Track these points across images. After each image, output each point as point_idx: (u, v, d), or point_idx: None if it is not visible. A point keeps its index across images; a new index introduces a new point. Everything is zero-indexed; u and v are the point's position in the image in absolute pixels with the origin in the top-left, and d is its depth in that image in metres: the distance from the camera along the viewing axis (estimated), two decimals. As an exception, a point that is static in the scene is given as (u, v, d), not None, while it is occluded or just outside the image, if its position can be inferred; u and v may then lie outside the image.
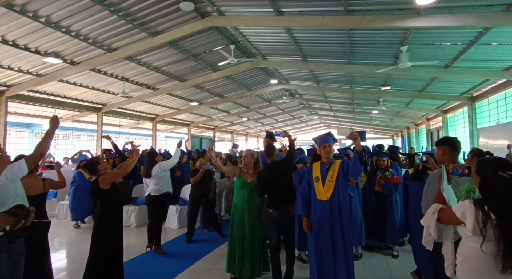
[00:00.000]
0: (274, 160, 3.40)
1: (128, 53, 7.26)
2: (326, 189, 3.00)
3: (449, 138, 2.50)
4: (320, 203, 2.99)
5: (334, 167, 3.09)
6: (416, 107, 13.41)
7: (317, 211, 3.01)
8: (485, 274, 1.46)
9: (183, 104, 13.87)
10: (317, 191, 3.04)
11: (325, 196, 2.98)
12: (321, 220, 2.96)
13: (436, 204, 1.70)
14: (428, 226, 1.65)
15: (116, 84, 9.67)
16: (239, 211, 3.46)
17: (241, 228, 3.42)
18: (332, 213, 2.96)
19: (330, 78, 10.88)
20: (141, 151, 7.12)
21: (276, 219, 3.24)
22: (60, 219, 6.96)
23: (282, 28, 6.72)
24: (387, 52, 7.12)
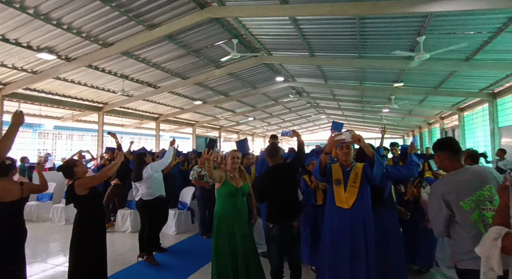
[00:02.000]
0: (278, 163, 2.82)
1: (125, 47, 6.88)
2: (348, 195, 2.55)
3: (442, 141, 1.99)
4: (339, 211, 2.55)
5: (356, 170, 2.64)
6: (430, 105, 12.71)
7: (334, 220, 2.56)
8: None
9: (186, 103, 13.52)
10: (336, 196, 2.58)
11: (346, 203, 2.53)
12: (340, 232, 2.50)
13: (497, 227, 1.25)
14: (488, 257, 1.20)
15: (116, 82, 9.34)
16: (227, 222, 2.90)
17: (232, 241, 2.87)
18: (354, 225, 2.49)
19: (339, 74, 10.33)
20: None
21: (277, 236, 2.67)
22: (54, 223, 6.62)
23: (287, 18, 6.23)
24: (401, 44, 6.55)
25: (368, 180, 2.60)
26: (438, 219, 1.73)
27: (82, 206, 2.98)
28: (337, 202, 2.56)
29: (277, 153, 2.81)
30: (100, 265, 3.01)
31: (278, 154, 2.81)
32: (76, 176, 2.97)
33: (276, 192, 2.71)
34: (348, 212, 2.52)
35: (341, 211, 2.53)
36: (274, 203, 2.74)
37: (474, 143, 11.52)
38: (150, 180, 4.11)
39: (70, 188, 2.93)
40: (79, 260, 2.89)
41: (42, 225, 6.57)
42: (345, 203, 2.54)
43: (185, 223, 5.93)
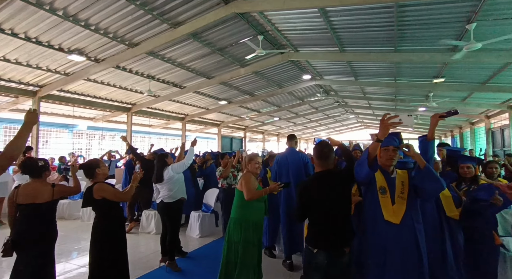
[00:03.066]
0: (328, 169, 2.21)
1: (150, 47, 6.85)
2: (397, 207, 2.10)
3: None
4: (388, 226, 2.08)
5: (402, 178, 2.20)
6: (474, 102, 11.54)
7: (382, 237, 2.08)
8: None
9: (211, 103, 13.48)
10: (383, 208, 2.12)
11: (395, 217, 2.08)
12: (389, 253, 2.03)
13: None
14: None
15: (143, 83, 9.45)
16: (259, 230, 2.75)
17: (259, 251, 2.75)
18: (404, 245, 2.04)
19: (371, 70, 9.66)
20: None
21: (322, 266, 2.07)
22: (84, 221, 6.77)
23: (316, 10, 5.82)
24: (446, 34, 5.87)
25: (416, 193, 2.17)
26: None
27: (100, 210, 2.85)
28: (385, 214, 2.10)
29: (330, 155, 2.20)
30: (120, 269, 2.88)
31: (331, 157, 2.21)
32: (96, 178, 2.88)
33: (326, 207, 2.12)
34: (397, 228, 2.07)
35: (390, 226, 2.08)
36: (322, 221, 2.14)
37: (528, 145, 10.25)
38: (171, 181, 3.99)
39: (88, 191, 2.82)
40: (97, 265, 2.80)
41: (73, 223, 6.75)
42: (394, 216, 2.09)
43: (209, 226, 5.75)
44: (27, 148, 6.94)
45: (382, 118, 1.92)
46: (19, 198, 2.58)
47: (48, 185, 2.71)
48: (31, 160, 2.80)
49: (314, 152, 2.24)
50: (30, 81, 8.22)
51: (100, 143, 16.17)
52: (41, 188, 2.65)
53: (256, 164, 2.94)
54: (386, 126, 1.91)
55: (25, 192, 2.60)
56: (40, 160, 2.76)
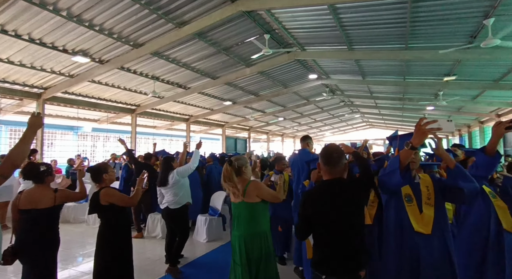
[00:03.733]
0: (338, 177, 1.82)
1: (155, 47, 6.73)
2: (425, 215, 1.92)
3: None
4: (419, 237, 1.91)
5: (426, 183, 2.03)
6: (485, 101, 11.25)
7: (414, 249, 1.90)
8: None
9: (216, 103, 13.36)
10: (412, 217, 1.94)
11: (426, 227, 1.90)
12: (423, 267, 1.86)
13: None
14: None
15: (147, 84, 9.35)
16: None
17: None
18: (439, 257, 1.87)
19: (380, 69, 9.45)
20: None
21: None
22: (89, 225, 6.65)
23: (325, 7, 5.64)
24: (461, 30, 5.65)
25: (444, 196, 1.99)
26: None
27: (106, 217, 2.73)
28: (414, 225, 1.92)
29: (340, 161, 1.80)
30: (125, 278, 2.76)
31: (341, 163, 1.81)
32: (103, 183, 2.76)
33: (335, 224, 1.74)
34: (428, 239, 1.89)
35: (420, 237, 1.90)
36: (332, 241, 1.75)
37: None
38: (176, 186, 3.83)
39: (95, 197, 2.69)
40: (102, 273, 2.67)
41: (78, 227, 6.63)
42: (424, 227, 1.91)
43: (217, 230, 5.59)
44: (32, 151, 6.85)
45: (417, 123, 1.71)
46: (20, 204, 2.48)
47: (50, 190, 2.60)
48: (33, 165, 2.69)
49: (321, 157, 1.86)
50: (35, 83, 8.15)
51: (105, 144, 16.13)
52: (43, 193, 2.55)
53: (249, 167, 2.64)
54: (423, 133, 1.67)
55: (26, 197, 2.51)
56: (42, 165, 2.66)
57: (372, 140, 22.28)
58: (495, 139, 1.95)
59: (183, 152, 4.52)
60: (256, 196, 2.39)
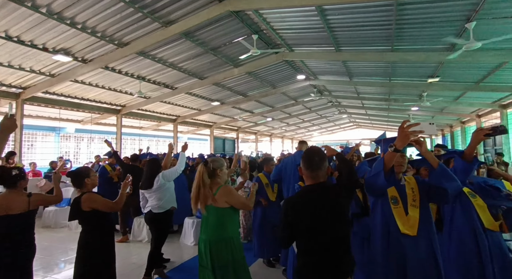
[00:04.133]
0: (320, 182, 1.74)
1: (141, 47, 6.57)
2: (411, 217, 1.94)
3: None
4: (405, 239, 1.92)
5: (411, 185, 2.05)
6: (467, 101, 11.63)
7: (400, 251, 1.92)
8: None
9: (204, 104, 13.22)
10: (398, 219, 1.95)
11: (412, 229, 1.92)
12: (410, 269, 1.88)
13: None
14: None
15: (132, 84, 9.13)
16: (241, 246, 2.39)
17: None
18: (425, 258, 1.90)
19: (366, 70, 9.59)
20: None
21: None
22: (71, 230, 6.40)
23: (313, 9, 5.67)
24: (444, 33, 5.79)
25: (428, 197, 2.03)
26: None
27: (88, 223, 2.61)
28: (400, 227, 1.93)
29: (322, 165, 1.72)
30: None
31: (323, 166, 1.73)
32: (85, 188, 2.64)
33: (319, 231, 1.66)
34: (414, 241, 1.92)
35: (407, 239, 1.92)
36: (315, 249, 1.66)
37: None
38: (161, 190, 3.67)
39: (76, 202, 2.57)
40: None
41: (60, 232, 6.37)
42: (410, 228, 1.93)
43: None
44: (10, 154, 6.55)
45: (401, 126, 1.74)
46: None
47: (23, 195, 2.50)
48: (3, 169, 2.57)
49: (302, 162, 1.77)
50: (13, 83, 7.80)
51: (89, 146, 15.67)
52: (16, 198, 2.45)
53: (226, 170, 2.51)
54: (406, 136, 1.70)
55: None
56: (14, 169, 2.56)
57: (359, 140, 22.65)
58: (474, 144, 2.01)
59: (168, 154, 4.35)
60: (225, 202, 2.28)
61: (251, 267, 4.20)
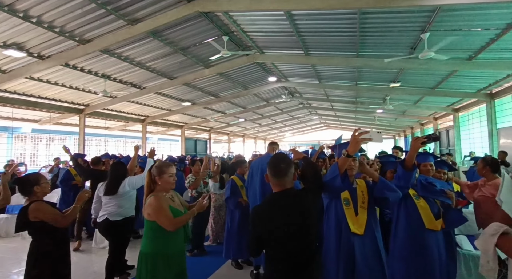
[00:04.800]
0: (288, 188, 1.72)
1: (105, 44, 6.26)
2: (360, 218, 2.13)
3: None
4: (354, 237, 2.10)
5: (361, 188, 2.25)
6: (425, 105, 12.51)
7: (350, 248, 2.08)
8: None
9: (174, 104, 12.91)
10: (349, 219, 2.12)
11: (360, 228, 2.10)
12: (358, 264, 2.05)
13: (497, 223, 1.33)
14: (486, 250, 1.30)
15: (97, 82, 8.67)
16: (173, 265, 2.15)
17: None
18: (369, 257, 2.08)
19: (334, 74, 9.95)
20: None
21: None
22: (25, 239, 5.90)
23: (282, 13, 5.77)
24: (403, 42, 6.19)
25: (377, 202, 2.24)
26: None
27: (37, 234, 2.43)
28: (351, 226, 2.11)
29: (288, 171, 1.69)
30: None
31: (290, 173, 1.70)
32: (34, 196, 2.45)
33: (285, 239, 1.63)
34: (361, 239, 2.10)
35: (355, 237, 2.09)
36: (282, 257, 1.65)
37: (470, 145, 11.36)
38: (124, 197, 3.48)
39: (23, 212, 2.38)
40: None
41: (12, 241, 5.89)
42: (359, 228, 2.11)
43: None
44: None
45: (352, 134, 1.89)
46: None
47: None
48: None
49: (268, 169, 1.75)
50: (-44, 79, 7.07)
51: (48, 147, 14.60)
52: None
53: (170, 177, 2.20)
54: (357, 142, 1.87)
55: None
56: None
57: (329, 140, 23.40)
58: (413, 152, 2.19)
59: (134, 156, 4.14)
60: (148, 214, 2.10)
61: (220, 269, 4.21)
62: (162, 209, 2.07)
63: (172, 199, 2.24)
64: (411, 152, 2.20)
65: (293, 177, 1.74)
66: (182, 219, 2.15)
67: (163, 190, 2.19)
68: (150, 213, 2.08)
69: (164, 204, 2.11)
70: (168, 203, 2.15)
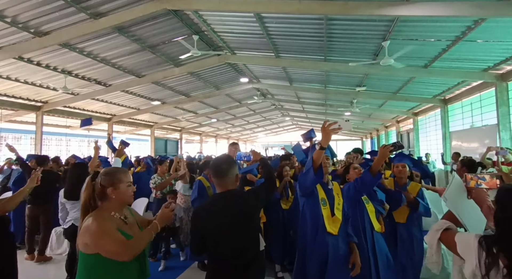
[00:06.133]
0: (230, 189, 1.71)
1: (64, 38, 5.89)
2: (336, 219, 2.21)
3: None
4: (329, 237, 2.17)
5: (336, 191, 2.35)
6: (388, 109, 13.26)
7: (324, 247, 2.15)
8: None
9: (143, 103, 12.46)
10: (326, 219, 2.19)
11: (335, 229, 2.18)
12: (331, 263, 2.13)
13: (443, 221, 1.43)
14: (431, 245, 1.40)
15: (56, 78, 8.12)
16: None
17: None
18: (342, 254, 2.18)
19: (304, 77, 10.21)
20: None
21: None
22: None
23: (252, 15, 5.81)
24: (366, 48, 6.51)
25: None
26: None
27: None
28: (327, 226, 2.17)
29: (229, 172, 1.69)
30: None
31: (230, 174, 1.70)
32: None
33: (226, 240, 1.62)
34: (335, 239, 2.18)
35: (330, 237, 2.17)
36: (225, 258, 1.63)
37: (427, 146, 12.23)
38: None
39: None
40: None
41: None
42: (334, 228, 2.19)
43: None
44: None
45: (323, 126, 1.94)
46: None
47: None
48: None
49: (210, 169, 1.78)
50: None
51: (0, 147, 13.39)
52: None
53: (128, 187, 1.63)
54: (328, 133, 1.92)
55: None
56: None
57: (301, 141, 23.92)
58: (381, 159, 2.31)
59: (94, 156, 3.90)
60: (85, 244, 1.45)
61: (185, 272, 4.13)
62: (106, 234, 1.43)
63: (125, 221, 1.59)
64: (380, 160, 2.28)
65: (236, 178, 1.73)
66: (140, 240, 1.52)
67: (115, 207, 1.57)
68: (89, 242, 1.44)
69: (110, 226, 1.48)
70: (116, 226, 1.51)
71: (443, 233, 1.35)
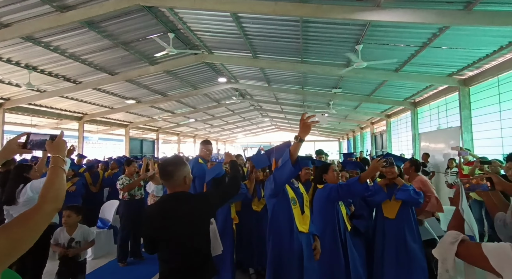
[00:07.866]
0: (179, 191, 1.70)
1: (27, 31, 5.53)
2: (305, 217, 2.22)
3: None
4: (300, 235, 2.16)
5: (301, 188, 2.39)
6: (363, 111, 13.69)
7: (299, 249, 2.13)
8: None
9: (117, 101, 12.01)
10: (296, 218, 2.18)
11: (305, 227, 2.19)
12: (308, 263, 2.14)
13: (454, 232, 1.27)
14: (444, 259, 1.22)
15: (19, 73, 7.62)
16: None
17: None
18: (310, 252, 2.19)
19: (282, 78, 10.30)
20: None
21: None
22: None
23: (228, 15, 5.77)
24: (341, 51, 6.66)
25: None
26: None
27: None
28: (298, 224, 2.16)
29: (175, 174, 1.67)
30: None
31: (176, 176, 1.67)
32: None
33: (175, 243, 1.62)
34: (306, 237, 2.18)
35: (301, 236, 2.16)
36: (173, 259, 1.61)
37: (399, 147, 12.75)
38: (31, 205, 3.02)
39: None
40: None
41: None
42: (305, 226, 2.18)
43: (106, 245, 4.97)
44: None
45: (301, 118, 1.91)
46: None
47: None
48: None
49: (159, 169, 1.79)
50: None
51: (-44, 147, 12.38)
52: None
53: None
54: (307, 126, 1.90)
55: None
56: None
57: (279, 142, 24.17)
58: (372, 172, 2.43)
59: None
60: None
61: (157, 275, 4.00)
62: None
63: None
64: (371, 172, 2.43)
65: (184, 180, 1.69)
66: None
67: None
68: None
69: None
70: None
71: (462, 247, 1.18)
